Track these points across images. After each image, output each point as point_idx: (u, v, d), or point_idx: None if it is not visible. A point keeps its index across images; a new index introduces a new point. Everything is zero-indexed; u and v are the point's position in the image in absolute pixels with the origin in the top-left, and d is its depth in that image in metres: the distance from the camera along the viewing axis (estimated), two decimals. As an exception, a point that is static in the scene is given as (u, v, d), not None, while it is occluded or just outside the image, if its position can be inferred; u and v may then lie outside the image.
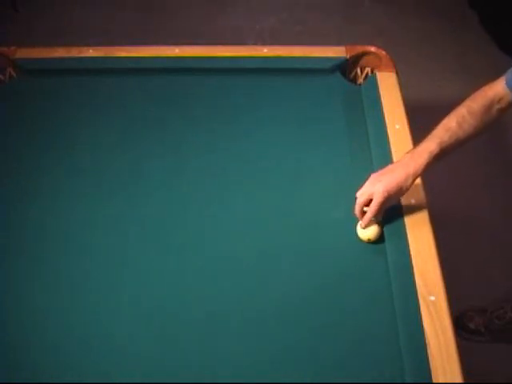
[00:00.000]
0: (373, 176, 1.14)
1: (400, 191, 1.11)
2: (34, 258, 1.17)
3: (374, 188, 1.11)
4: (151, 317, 1.08)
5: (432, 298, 1.03)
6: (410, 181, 1.10)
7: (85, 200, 1.28)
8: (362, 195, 1.14)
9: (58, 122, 1.47)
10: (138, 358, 1.01)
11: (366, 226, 1.15)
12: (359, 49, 1.57)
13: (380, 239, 1.17)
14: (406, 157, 1.12)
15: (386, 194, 1.09)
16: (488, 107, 1.13)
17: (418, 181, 1.23)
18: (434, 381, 0.93)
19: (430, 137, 1.12)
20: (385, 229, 1.17)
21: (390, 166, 1.15)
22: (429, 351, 0.96)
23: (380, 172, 1.15)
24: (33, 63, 1.57)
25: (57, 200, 1.28)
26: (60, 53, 1.60)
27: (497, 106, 1.13)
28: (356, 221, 1.19)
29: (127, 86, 1.55)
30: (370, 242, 1.17)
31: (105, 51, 1.61)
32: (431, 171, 1.20)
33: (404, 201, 1.20)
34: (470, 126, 1.11)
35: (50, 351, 1.02)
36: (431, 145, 1.10)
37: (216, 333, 1.05)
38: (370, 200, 1.13)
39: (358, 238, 1.18)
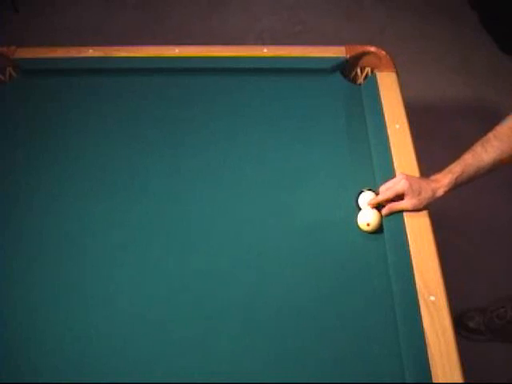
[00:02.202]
0: (400, 172, 1.22)
1: (418, 194, 1.16)
2: (32, 258, 1.17)
3: (397, 178, 1.19)
4: (150, 316, 1.07)
5: (432, 298, 1.03)
6: (429, 193, 1.15)
7: (84, 199, 1.28)
8: (385, 185, 1.21)
9: (58, 121, 1.47)
10: (137, 357, 1.01)
11: (372, 204, 1.20)
12: (359, 49, 1.57)
13: (379, 235, 1.17)
14: (433, 175, 1.19)
15: (405, 186, 1.16)
16: None
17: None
18: (434, 381, 0.93)
19: (457, 160, 1.17)
20: (385, 229, 1.17)
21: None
22: (429, 351, 0.96)
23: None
24: (33, 63, 1.57)
25: (56, 199, 1.28)
26: (60, 53, 1.60)
27: None
28: (355, 218, 1.20)
29: (127, 85, 1.55)
30: (368, 228, 1.18)
31: (105, 51, 1.60)
32: (431, 171, 1.20)
33: (404, 201, 1.20)
34: (496, 148, 1.14)
35: (49, 351, 1.02)
36: (455, 166, 1.16)
37: (215, 334, 1.05)
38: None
39: (358, 226, 1.19)
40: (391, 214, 1.19)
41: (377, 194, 1.22)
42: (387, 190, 1.19)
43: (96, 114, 1.49)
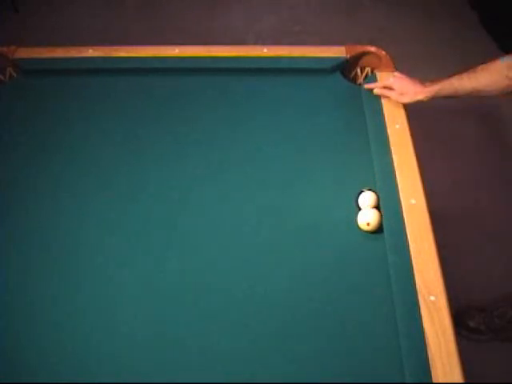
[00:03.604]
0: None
1: (401, 90, 1.39)
2: (30, 258, 1.17)
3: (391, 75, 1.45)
4: (150, 316, 1.07)
5: (432, 298, 1.03)
6: (411, 93, 1.37)
7: (83, 199, 1.28)
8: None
9: (58, 121, 1.47)
10: (136, 357, 1.01)
11: (367, 87, 1.46)
12: (359, 49, 1.57)
13: (379, 235, 1.17)
14: (427, 82, 1.39)
15: (391, 81, 1.42)
16: (499, 70, 1.26)
17: (418, 181, 1.23)
18: (434, 381, 0.93)
19: (448, 77, 1.36)
20: (385, 229, 1.17)
21: None
22: (429, 351, 0.96)
23: None
24: (33, 63, 1.57)
25: (56, 198, 1.28)
26: (60, 53, 1.60)
27: (507, 73, 1.24)
28: (355, 218, 1.20)
29: (127, 85, 1.55)
30: (368, 227, 1.17)
31: (104, 51, 1.60)
32: (431, 171, 1.20)
33: (404, 200, 1.20)
34: (477, 80, 1.29)
35: (48, 351, 1.02)
36: (442, 80, 1.36)
37: (215, 333, 1.05)
38: None
39: (358, 227, 1.19)
40: (380, 95, 1.43)
41: (377, 194, 1.22)
42: (380, 82, 1.45)
43: (96, 113, 1.49)
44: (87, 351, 1.02)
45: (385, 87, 1.43)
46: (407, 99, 1.39)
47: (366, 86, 1.48)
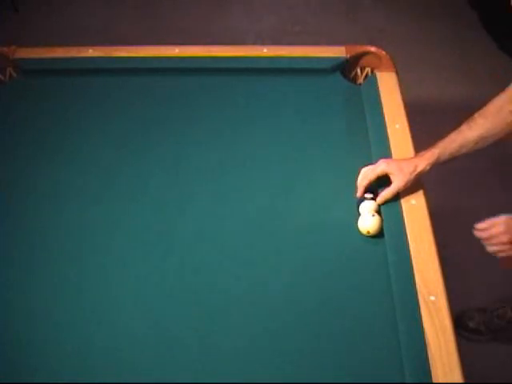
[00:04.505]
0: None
1: (401, 170, 1.18)
2: (29, 258, 1.17)
3: (377, 163, 1.22)
4: (151, 317, 1.08)
5: (432, 298, 1.03)
6: (411, 167, 1.18)
7: (84, 198, 1.28)
8: (364, 169, 1.24)
9: (58, 121, 1.47)
10: (137, 357, 1.01)
11: (359, 194, 1.22)
12: (359, 49, 1.57)
13: (379, 235, 1.17)
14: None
15: (384, 166, 1.20)
16: (499, 108, 1.16)
17: (418, 181, 1.23)
18: (434, 381, 0.93)
19: (444, 137, 1.20)
20: (385, 229, 1.17)
21: None
22: (429, 351, 0.96)
23: None
24: (33, 63, 1.57)
25: (56, 198, 1.28)
26: (60, 53, 1.60)
27: (509, 108, 1.16)
28: (356, 218, 1.20)
29: (127, 85, 1.55)
30: (369, 234, 1.17)
31: (105, 51, 1.60)
32: (431, 171, 1.20)
33: (404, 201, 1.20)
34: (479, 126, 1.16)
35: (49, 351, 1.02)
36: (439, 142, 1.19)
37: (216, 333, 1.05)
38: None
39: (359, 231, 1.19)
40: (386, 201, 1.21)
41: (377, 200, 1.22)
42: (371, 171, 1.21)
43: (96, 113, 1.49)
44: (87, 351, 1.02)
45: (378, 178, 1.21)
46: (410, 174, 1.17)
47: (359, 195, 1.23)
